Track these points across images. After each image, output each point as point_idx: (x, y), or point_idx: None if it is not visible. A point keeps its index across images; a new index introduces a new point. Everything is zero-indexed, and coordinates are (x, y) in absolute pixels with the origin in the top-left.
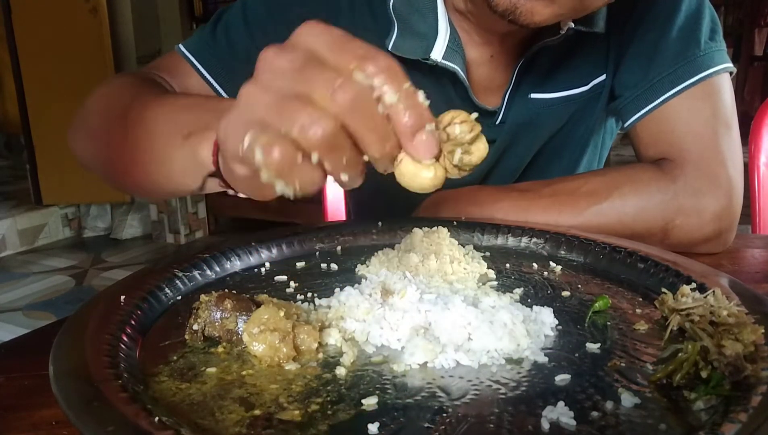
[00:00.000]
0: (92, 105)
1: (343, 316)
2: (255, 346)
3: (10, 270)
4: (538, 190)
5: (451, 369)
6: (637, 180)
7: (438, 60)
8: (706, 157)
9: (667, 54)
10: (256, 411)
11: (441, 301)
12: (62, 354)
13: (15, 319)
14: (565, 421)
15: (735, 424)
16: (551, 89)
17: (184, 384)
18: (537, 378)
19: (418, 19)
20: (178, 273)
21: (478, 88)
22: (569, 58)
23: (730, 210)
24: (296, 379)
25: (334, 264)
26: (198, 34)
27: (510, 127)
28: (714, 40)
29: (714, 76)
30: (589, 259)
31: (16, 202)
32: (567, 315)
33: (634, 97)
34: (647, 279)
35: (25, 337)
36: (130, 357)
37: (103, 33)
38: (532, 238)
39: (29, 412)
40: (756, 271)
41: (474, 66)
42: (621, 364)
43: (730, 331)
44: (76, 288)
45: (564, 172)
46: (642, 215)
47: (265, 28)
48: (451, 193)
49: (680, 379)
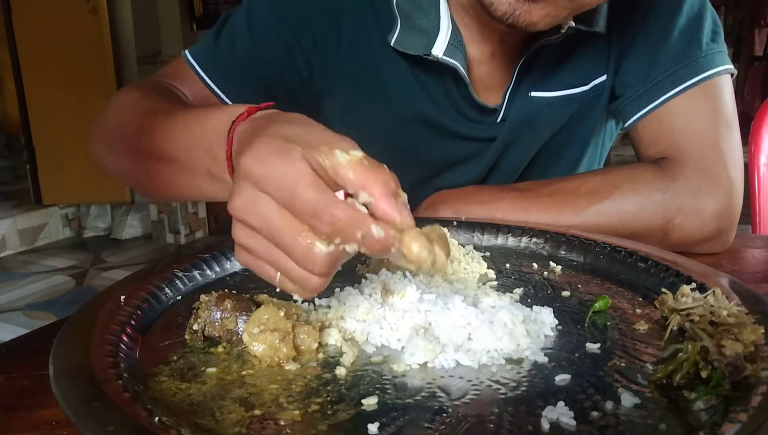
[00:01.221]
0: (109, 119)
1: (343, 316)
2: (255, 346)
3: (10, 270)
4: (538, 190)
5: (451, 369)
6: (637, 179)
7: (439, 56)
8: (706, 156)
9: (668, 54)
10: (256, 411)
11: (441, 301)
12: (62, 354)
13: (15, 319)
14: (565, 421)
15: (735, 424)
16: (552, 88)
17: (184, 384)
18: (537, 378)
19: (421, 16)
20: (178, 273)
21: (479, 85)
22: (570, 58)
23: (730, 210)
24: (296, 379)
25: None
26: (203, 40)
27: (510, 125)
28: (715, 41)
29: (715, 77)
30: (589, 259)
31: (16, 202)
32: (567, 315)
33: (635, 97)
34: (647, 279)
35: (25, 337)
36: (130, 357)
37: (103, 33)
38: (532, 238)
39: (29, 412)
40: (756, 271)
41: (475, 63)
42: (621, 364)
43: (730, 331)
44: (76, 288)
45: (564, 172)
46: (642, 214)
47: (269, 33)
48: (451, 193)
49: (680, 379)
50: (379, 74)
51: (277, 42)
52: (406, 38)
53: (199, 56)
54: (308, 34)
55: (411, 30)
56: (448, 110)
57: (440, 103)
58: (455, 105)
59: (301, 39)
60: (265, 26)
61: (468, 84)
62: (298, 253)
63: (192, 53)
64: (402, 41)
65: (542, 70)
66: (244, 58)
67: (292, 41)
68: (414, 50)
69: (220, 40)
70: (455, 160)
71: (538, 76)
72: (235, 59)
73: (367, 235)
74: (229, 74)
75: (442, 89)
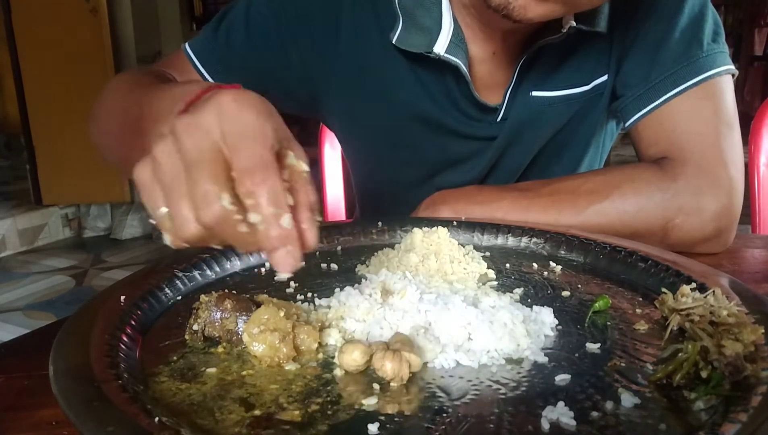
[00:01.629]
0: (103, 102)
1: (343, 316)
2: (255, 346)
3: (10, 270)
4: (538, 190)
5: (451, 369)
6: (638, 179)
7: (440, 54)
8: (707, 156)
9: (669, 55)
10: (256, 411)
11: (441, 301)
12: (62, 354)
13: (15, 319)
14: (565, 421)
15: (735, 424)
16: (553, 87)
17: (184, 384)
18: (537, 378)
19: (423, 14)
20: (178, 273)
21: (480, 84)
22: (571, 57)
23: (731, 209)
24: (296, 379)
25: (334, 264)
26: (203, 32)
27: (511, 124)
28: (716, 42)
29: (716, 78)
30: (589, 259)
31: (16, 202)
32: (567, 315)
33: (636, 97)
34: (647, 279)
35: (25, 337)
36: (130, 357)
37: (103, 33)
38: (532, 238)
39: (29, 412)
40: (756, 271)
41: (477, 62)
42: (621, 364)
43: (730, 331)
44: (76, 288)
45: (565, 172)
46: (642, 214)
47: (266, 30)
48: (451, 192)
49: (680, 379)
50: (379, 73)
51: (273, 39)
52: (408, 36)
53: (196, 48)
54: (307, 32)
55: (413, 28)
56: (449, 108)
57: (441, 101)
58: (456, 103)
59: (299, 37)
60: (263, 22)
61: (469, 82)
62: (200, 193)
63: (191, 45)
64: (404, 39)
65: (543, 69)
66: (239, 52)
67: (288, 39)
68: (416, 48)
69: (219, 32)
70: (455, 159)
71: (540, 75)
72: (230, 53)
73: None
74: (224, 67)
75: (442, 87)
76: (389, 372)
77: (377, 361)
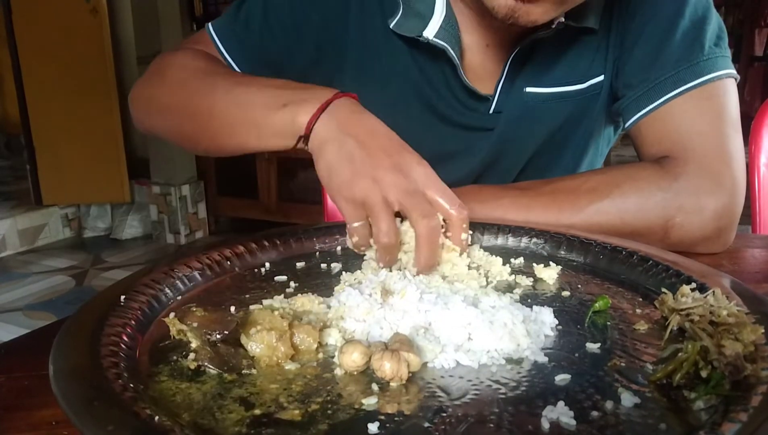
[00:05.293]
0: (165, 79)
1: (343, 316)
2: (253, 347)
3: (10, 270)
4: (539, 188)
5: (451, 369)
6: (638, 178)
7: (429, 38)
8: (709, 155)
9: (670, 57)
10: (256, 411)
11: (441, 301)
12: (62, 354)
13: (15, 319)
14: (565, 421)
15: (735, 424)
16: (546, 84)
17: (184, 384)
18: (537, 378)
19: (419, 1)
20: (178, 273)
21: (473, 74)
22: (565, 55)
23: (732, 209)
24: (296, 378)
25: (334, 264)
26: (226, 13)
27: (506, 120)
28: (719, 46)
29: (717, 81)
30: (589, 259)
31: (16, 202)
32: (567, 315)
33: (636, 97)
34: (647, 279)
35: (25, 337)
36: (130, 357)
37: (103, 33)
38: (532, 238)
39: (29, 412)
40: (756, 271)
41: (470, 52)
42: (621, 364)
43: (730, 331)
44: (76, 288)
45: (564, 174)
46: (642, 213)
47: (282, 12)
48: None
49: (680, 379)
50: (380, 57)
51: (287, 21)
52: (404, 22)
53: (219, 28)
54: (320, 15)
55: (410, 14)
56: (444, 92)
57: (436, 85)
58: (450, 88)
59: (312, 20)
60: (280, 6)
61: (457, 65)
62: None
63: (213, 25)
64: (400, 24)
65: (538, 66)
66: (257, 34)
67: (302, 21)
68: (408, 32)
69: (240, 14)
70: (450, 151)
71: (534, 71)
72: (249, 35)
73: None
74: (243, 48)
75: (438, 72)
76: (388, 372)
77: (376, 361)
